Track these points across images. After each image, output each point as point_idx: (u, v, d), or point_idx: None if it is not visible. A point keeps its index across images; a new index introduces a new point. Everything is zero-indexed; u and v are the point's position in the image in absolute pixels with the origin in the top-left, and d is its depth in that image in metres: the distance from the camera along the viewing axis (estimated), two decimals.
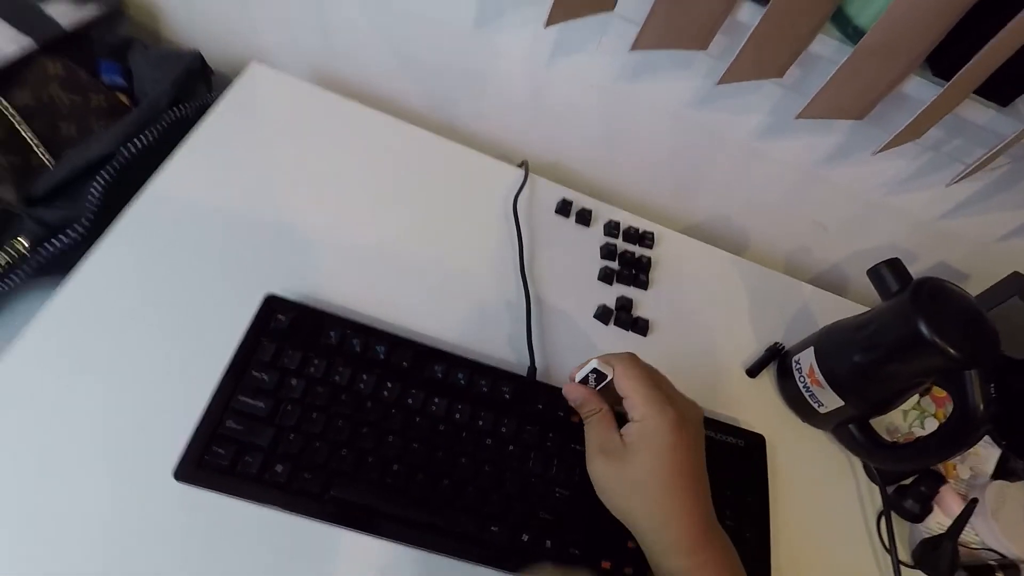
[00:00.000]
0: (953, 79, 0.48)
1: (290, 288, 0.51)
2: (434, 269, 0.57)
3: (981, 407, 0.47)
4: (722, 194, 0.75)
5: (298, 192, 0.57)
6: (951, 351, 0.47)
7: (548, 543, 0.44)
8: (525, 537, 0.44)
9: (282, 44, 0.70)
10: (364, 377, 0.46)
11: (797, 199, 0.73)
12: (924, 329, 0.48)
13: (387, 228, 0.58)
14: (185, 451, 0.41)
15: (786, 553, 0.52)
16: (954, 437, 0.49)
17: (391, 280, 0.55)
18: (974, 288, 0.61)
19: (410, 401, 0.46)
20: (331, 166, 0.60)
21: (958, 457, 0.62)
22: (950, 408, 0.49)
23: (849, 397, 0.55)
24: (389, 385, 0.46)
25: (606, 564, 0.45)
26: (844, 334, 0.56)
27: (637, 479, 0.39)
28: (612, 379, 0.42)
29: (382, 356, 0.47)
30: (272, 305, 0.47)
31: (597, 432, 0.42)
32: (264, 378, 0.44)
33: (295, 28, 0.68)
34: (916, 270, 0.79)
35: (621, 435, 0.40)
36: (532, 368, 0.53)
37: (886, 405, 0.56)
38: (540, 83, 0.66)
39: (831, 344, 0.57)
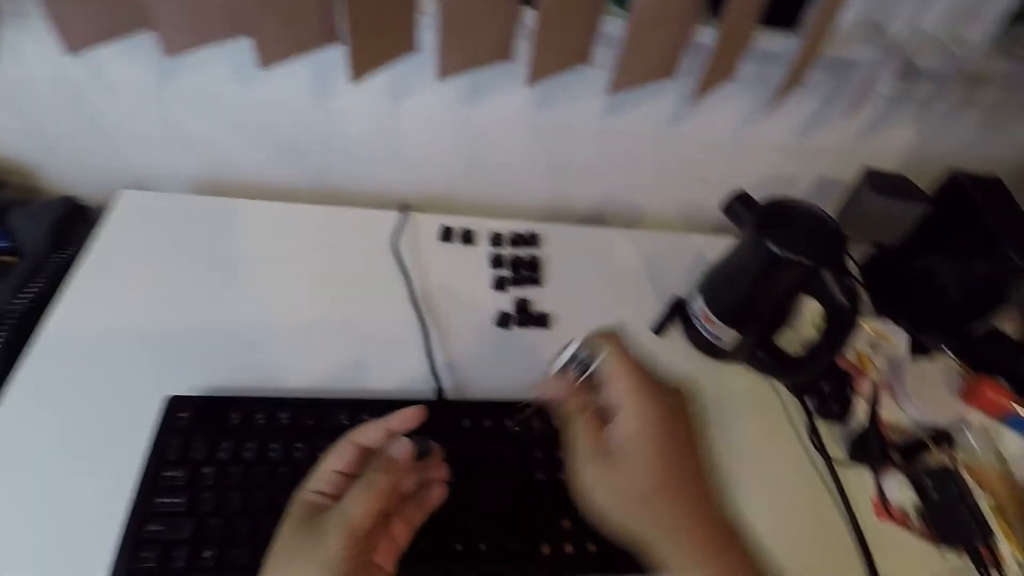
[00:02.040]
0: (727, 18, 0.53)
1: (196, 385, 0.53)
2: (332, 329, 0.60)
3: (844, 300, 0.50)
4: (597, 179, 0.79)
5: (186, 295, 0.60)
6: (802, 260, 0.50)
7: (482, 547, 0.46)
8: (459, 547, 0.46)
9: (153, 168, 0.74)
10: (272, 446, 0.48)
11: (666, 162, 0.78)
12: (773, 247, 0.51)
13: (280, 304, 0.61)
14: (114, 564, 0.43)
15: (731, 492, 0.54)
16: (834, 333, 0.52)
17: (292, 351, 0.58)
18: None
19: (320, 453, 0.48)
20: (215, 262, 0.63)
21: (867, 349, 0.65)
22: None
23: (740, 326, 0.58)
24: (298, 446, 0.49)
25: (546, 549, 0.47)
26: (719, 272, 0.60)
27: (635, 487, 0.33)
28: (598, 364, 0.37)
29: (286, 421, 0.50)
30: (173, 405, 0.50)
31: (586, 437, 0.35)
32: (177, 475, 0.46)
33: (159, 150, 0.72)
34: (800, 190, 0.83)
35: (606, 436, 0.35)
36: (439, 389, 0.55)
37: (777, 323, 0.59)
38: (391, 129, 0.70)
39: (711, 284, 0.60)
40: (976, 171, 0.64)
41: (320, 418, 0.50)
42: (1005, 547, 0.52)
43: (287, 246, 0.66)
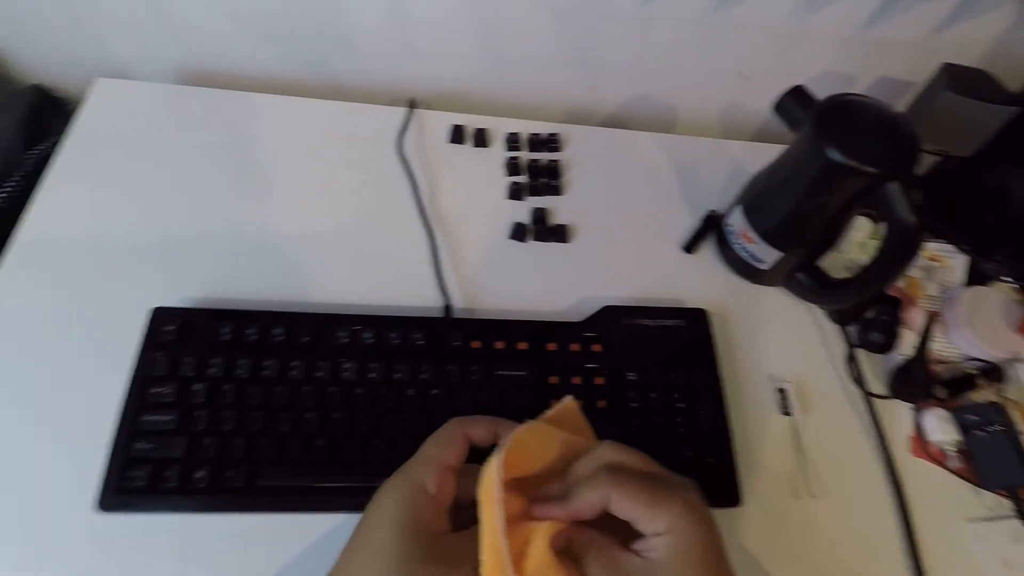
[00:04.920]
0: None
1: (186, 296, 0.49)
2: (332, 236, 0.55)
3: (911, 218, 0.43)
4: (629, 75, 0.70)
5: (174, 196, 0.55)
6: (866, 168, 0.43)
7: None
8: None
9: (136, 55, 0.66)
10: (267, 363, 0.45)
11: (708, 55, 0.68)
12: (833, 153, 0.44)
13: (275, 208, 0.55)
14: (103, 482, 0.41)
15: (757, 420, 0.51)
16: (894, 255, 0.46)
17: (286, 260, 0.53)
18: None
19: (320, 374, 0.45)
20: (205, 159, 0.57)
21: (918, 274, 0.58)
22: None
23: (785, 246, 0.52)
24: (294, 364, 0.45)
25: None
26: (763, 183, 0.53)
27: None
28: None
29: (281, 337, 0.46)
30: (159, 317, 0.46)
31: (605, 568, 0.31)
32: (165, 391, 0.43)
33: (139, 34, 0.64)
34: (858, 90, 0.74)
35: (634, 551, 0.31)
36: (447, 306, 0.51)
37: (826, 243, 0.53)
38: (397, 11, 0.61)
39: (754, 197, 0.53)
40: None
41: (318, 335, 0.46)
42: None
43: (281, 144, 0.59)
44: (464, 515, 0.33)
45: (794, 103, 0.49)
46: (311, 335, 0.46)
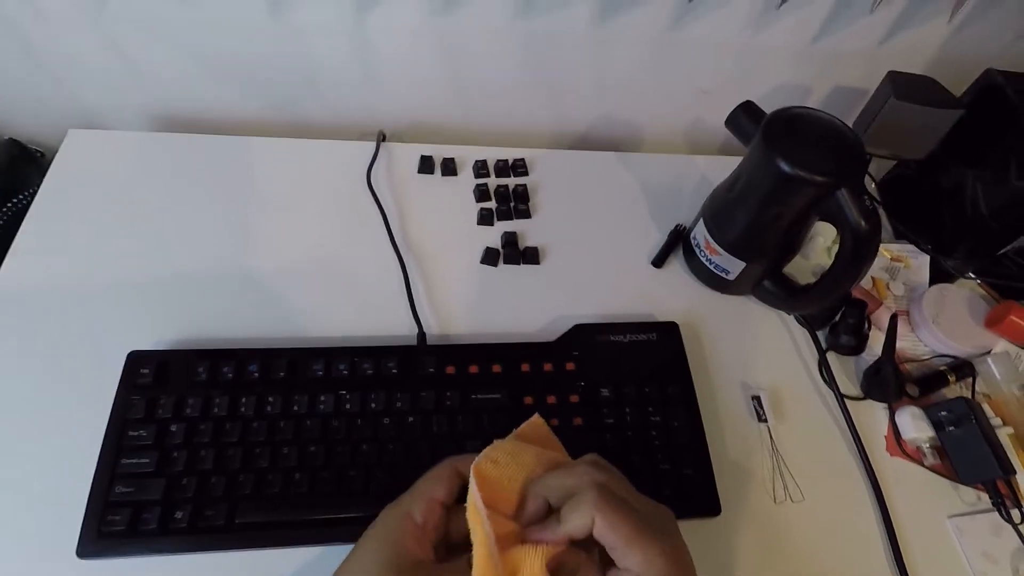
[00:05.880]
0: None
1: (164, 337, 0.50)
2: (305, 272, 0.56)
3: (862, 222, 0.45)
4: (593, 96, 0.72)
5: (149, 241, 0.56)
6: (815, 177, 0.45)
7: None
8: None
9: (105, 105, 0.67)
10: (243, 400, 0.45)
11: (667, 72, 0.70)
12: (782, 164, 0.45)
13: (248, 247, 0.56)
14: (82, 528, 0.41)
15: (733, 428, 0.51)
16: (850, 260, 0.47)
17: (263, 297, 0.54)
18: None
19: (296, 408, 0.46)
20: (178, 204, 0.58)
21: (883, 276, 0.60)
22: None
23: (748, 256, 0.53)
24: (271, 399, 0.46)
25: None
26: (722, 196, 0.54)
27: None
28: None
29: (257, 374, 0.47)
30: (135, 360, 0.47)
31: None
32: (142, 434, 0.44)
33: (108, 84, 0.65)
34: (814, 101, 0.76)
35: None
36: (421, 334, 0.52)
37: (788, 251, 0.54)
38: (360, 46, 0.63)
39: (714, 210, 0.55)
40: (1016, 70, 0.57)
41: (293, 369, 0.47)
42: None
43: (252, 185, 0.61)
44: (456, 553, 0.33)
45: (744, 117, 0.51)
46: (286, 370, 0.47)
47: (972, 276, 0.60)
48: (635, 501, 0.33)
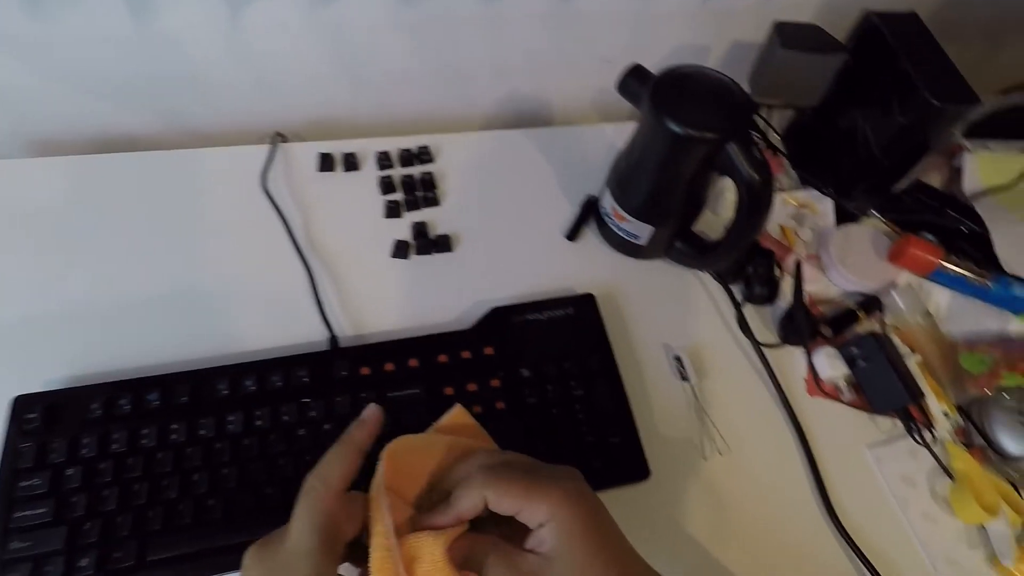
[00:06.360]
0: None
1: (52, 378, 0.47)
2: (205, 288, 0.53)
3: (754, 174, 0.45)
4: (492, 75, 0.71)
5: (27, 275, 0.52)
6: (704, 134, 0.45)
7: None
8: None
9: None
10: (144, 431, 0.43)
11: (564, 45, 0.69)
12: (671, 124, 0.45)
13: (142, 269, 0.53)
14: None
15: (658, 392, 0.52)
16: (748, 211, 0.47)
17: (160, 320, 0.51)
18: None
19: (203, 431, 0.43)
20: (60, 233, 0.54)
21: (790, 223, 0.61)
22: None
23: (654, 219, 0.53)
24: (175, 427, 0.43)
25: None
26: (624, 162, 0.54)
27: None
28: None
29: (157, 402, 0.44)
30: (20, 405, 0.43)
31: (506, 570, 0.31)
32: (36, 482, 0.41)
33: None
34: (714, 59, 0.76)
35: (529, 550, 0.31)
36: (332, 337, 0.50)
37: (693, 209, 0.54)
38: (241, 47, 0.60)
39: (618, 177, 0.55)
40: (893, 9, 0.58)
41: (196, 392, 0.45)
42: (935, 405, 0.52)
43: (143, 201, 0.57)
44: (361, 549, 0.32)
45: (634, 81, 0.50)
46: (188, 394, 0.45)
47: (874, 214, 0.62)
48: (533, 466, 0.33)
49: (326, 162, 0.61)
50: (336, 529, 0.31)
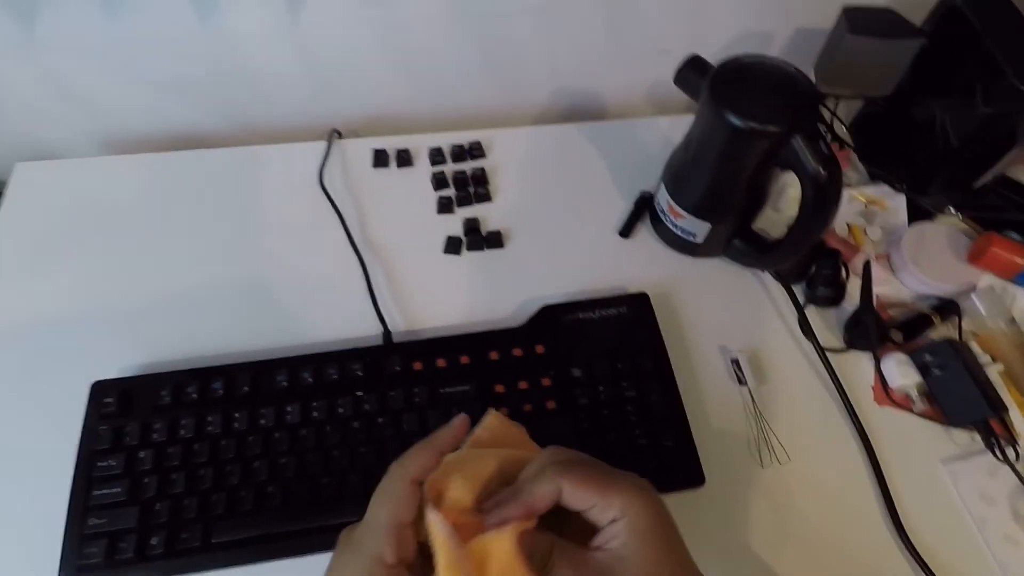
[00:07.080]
0: None
1: (127, 364, 0.50)
2: (265, 283, 0.55)
3: (820, 168, 0.43)
4: (547, 69, 0.70)
5: (105, 267, 0.55)
6: (766, 128, 0.43)
7: None
8: None
9: (53, 134, 0.66)
10: (209, 419, 0.45)
11: (620, 36, 0.68)
12: (731, 117, 0.44)
13: (206, 264, 0.56)
14: (60, 564, 0.41)
15: (714, 395, 0.50)
16: (814, 207, 0.45)
17: (224, 313, 0.53)
18: None
19: (263, 421, 0.45)
20: (131, 226, 0.57)
21: (859, 221, 0.58)
22: None
23: (711, 216, 0.52)
24: (237, 415, 0.45)
25: None
26: (680, 157, 0.52)
27: None
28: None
29: (221, 391, 0.46)
30: (98, 391, 0.46)
31: (572, 569, 0.30)
32: (111, 464, 0.43)
33: (49, 111, 0.64)
34: (777, 46, 0.73)
35: (596, 547, 0.30)
36: (386, 332, 0.51)
37: (754, 206, 0.52)
38: (301, 43, 0.61)
39: (673, 173, 0.53)
40: None
41: (257, 383, 0.47)
42: (1019, 418, 0.48)
43: (208, 198, 0.60)
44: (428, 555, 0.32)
45: (692, 72, 0.49)
46: (250, 384, 0.46)
47: (952, 212, 0.58)
48: (603, 466, 0.32)
49: (380, 158, 0.62)
50: (407, 511, 0.31)
